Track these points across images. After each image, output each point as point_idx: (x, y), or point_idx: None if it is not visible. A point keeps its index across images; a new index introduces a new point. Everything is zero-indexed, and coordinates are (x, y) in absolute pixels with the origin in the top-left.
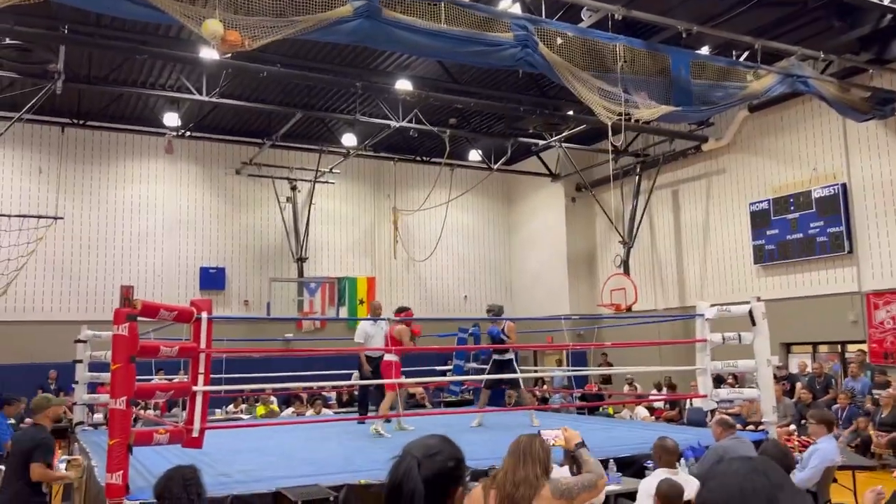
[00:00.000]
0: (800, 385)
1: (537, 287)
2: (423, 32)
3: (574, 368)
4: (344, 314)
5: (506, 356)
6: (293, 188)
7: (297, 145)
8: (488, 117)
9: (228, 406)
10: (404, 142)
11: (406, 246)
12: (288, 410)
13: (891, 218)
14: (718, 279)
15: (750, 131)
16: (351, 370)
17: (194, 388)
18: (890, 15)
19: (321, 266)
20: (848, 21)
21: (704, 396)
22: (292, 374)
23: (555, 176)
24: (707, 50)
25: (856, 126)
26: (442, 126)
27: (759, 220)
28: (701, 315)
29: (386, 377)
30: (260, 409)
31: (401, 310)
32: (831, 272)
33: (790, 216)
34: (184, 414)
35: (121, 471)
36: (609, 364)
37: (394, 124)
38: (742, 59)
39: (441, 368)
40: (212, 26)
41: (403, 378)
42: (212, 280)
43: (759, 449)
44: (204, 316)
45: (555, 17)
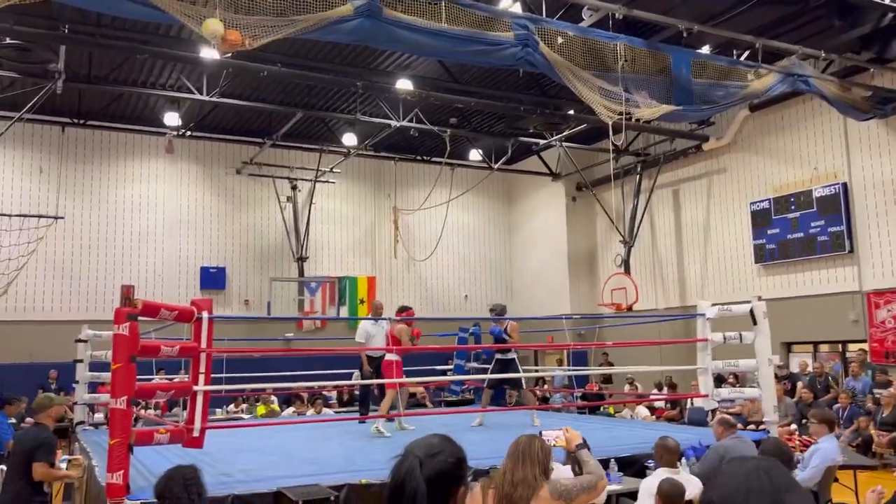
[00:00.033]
0: (801, 384)
1: (538, 286)
2: (424, 32)
3: (575, 368)
4: (344, 314)
5: (508, 355)
6: (294, 188)
7: (298, 145)
8: (489, 117)
9: (229, 406)
10: (405, 141)
11: (406, 245)
12: (288, 410)
13: (892, 217)
14: (719, 278)
15: (751, 130)
16: (351, 369)
17: (195, 388)
18: (891, 14)
19: (322, 265)
20: (849, 20)
21: (705, 396)
22: (293, 374)
23: (555, 175)
24: (708, 49)
25: (857, 125)
26: (442, 125)
27: (760, 220)
28: (702, 314)
29: (387, 377)
30: (260, 409)
31: (402, 309)
32: (832, 271)
33: (791, 215)
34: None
35: (121, 470)
36: (610, 363)
37: (394, 124)
38: (743, 59)
39: (442, 368)
40: (212, 26)
41: (405, 378)
42: (212, 279)
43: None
44: (204, 315)
45: (555, 17)
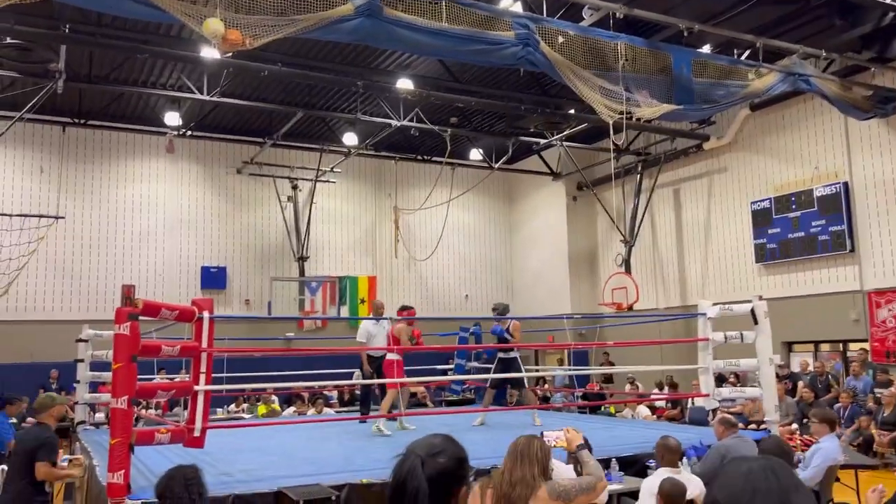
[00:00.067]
0: (802, 384)
1: (538, 286)
2: (425, 31)
3: (576, 367)
4: (345, 313)
5: (510, 354)
6: (294, 187)
7: (299, 144)
8: (489, 116)
9: (230, 405)
10: (405, 141)
11: (407, 245)
12: (289, 410)
13: (893, 216)
14: (720, 278)
15: (751, 130)
16: (352, 369)
17: (196, 388)
18: (892, 13)
19: (322, 265)
20: (849, 19)
21: (706, 395)
22: (293, 374)
23: (556, 175)
24: (708, 48)
25: (857, 124)
26: (443, 125)
27: (761, 219)
28: (703, 314)
29: (388, 376)
30: (261, 409)
31: (403, 309)
32: (833, 271)
33: (792, 215)
34: (185, 413)
35: (122, 470)
36: (611, 363)
37: (395, 123)
38: (743, 58)
39: (443, 368)
40: (213, 25)
41: (406, 377)
42: (213, 279)
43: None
44: (205, 315)
45: (556, 16)
